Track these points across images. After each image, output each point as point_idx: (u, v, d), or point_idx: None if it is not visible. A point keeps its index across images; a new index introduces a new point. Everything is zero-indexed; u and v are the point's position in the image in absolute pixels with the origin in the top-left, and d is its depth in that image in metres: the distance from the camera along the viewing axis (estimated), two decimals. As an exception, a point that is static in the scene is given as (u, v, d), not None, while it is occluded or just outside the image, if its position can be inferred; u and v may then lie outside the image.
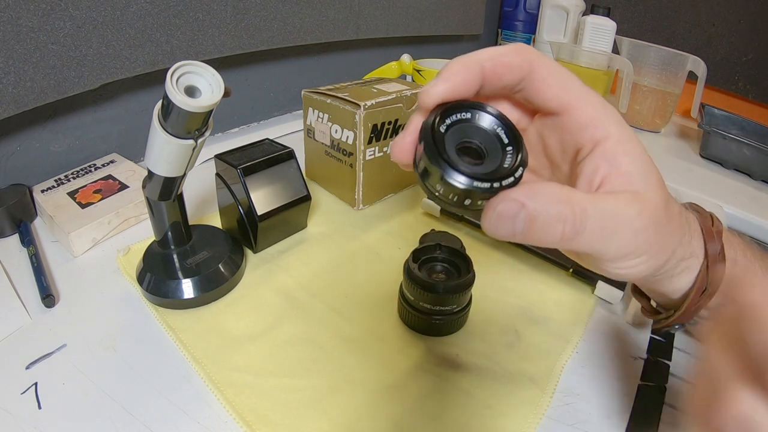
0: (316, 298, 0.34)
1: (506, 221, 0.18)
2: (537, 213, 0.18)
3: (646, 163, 0.20)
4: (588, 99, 0.20)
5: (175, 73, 0.24)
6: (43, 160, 0.47)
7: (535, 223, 0.18)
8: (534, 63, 0.20)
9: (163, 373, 0.28)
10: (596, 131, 0.20)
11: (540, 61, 0.20)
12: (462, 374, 0.29)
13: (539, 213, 0.18)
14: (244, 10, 0.55)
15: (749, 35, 0.86)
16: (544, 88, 0.20)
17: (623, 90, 0.76)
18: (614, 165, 0.20)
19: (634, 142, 0.20)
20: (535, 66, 0.20)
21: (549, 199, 0.18)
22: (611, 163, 0.20)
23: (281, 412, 0.26)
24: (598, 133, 0.20)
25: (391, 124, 0.44)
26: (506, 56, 0.19)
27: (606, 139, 0.20)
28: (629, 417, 0.27)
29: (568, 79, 0.20)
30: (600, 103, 0.20)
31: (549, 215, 0.18)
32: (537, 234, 0.18)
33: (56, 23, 0.40)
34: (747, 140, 0.65)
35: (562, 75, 0.20)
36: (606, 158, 0.20)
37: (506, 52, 0.20)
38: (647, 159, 0.21)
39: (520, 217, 0.18)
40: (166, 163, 0.28)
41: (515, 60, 0.19)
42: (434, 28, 0.89)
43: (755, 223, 0.55)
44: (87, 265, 0.37)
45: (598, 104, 0.20)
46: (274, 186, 0.37)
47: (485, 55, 0.19)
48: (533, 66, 0.20)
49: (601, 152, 0.20)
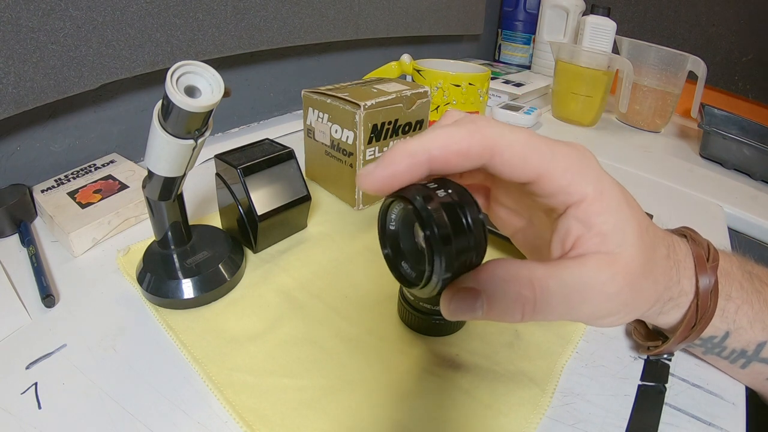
0: (316, 298, 0.34)
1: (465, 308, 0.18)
2: (494, 299, 0.17)
3: (622, 219, 0.19)
4: (558, 166, 0.18)
5: (175, 73, 0.24)
6: (43, 160, 0.47)
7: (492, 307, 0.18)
8: (495, 148, 0.18)
9: (163, 373, 0.28)
10: (568, 197, 0.19)
11: (501, 143, 0.18)
12: (462, 374, 0.29)
13: (497, 299, 0.17)
14: (244, 10, 0.55)
15: (749, 35, 0.86)
16: (508, 168, 0.18)
17: (623, 90, 0.76)
18: (587, 226, 0.19)
19: (610, 195, 0.19)
20: (496, 151, 0.18)
21: (506, 283, 0.17)
22: (584, 224, 0.19)
23: (281, 412, 0.26)
24: (570, 198, 0.19)
25: (391, 124, 0.44)
26: (461, 143, 0.17)
27: (580, 201, 0.19)
28: (629, 417, 0.27)
29: (535, 152, 0.18)
30: (573, 165, 0.19)
31: (507, 300, 0.17)
32: (497, 316, 0.18)
33: (56, 23, 0.40)
34: (747, 140, 0.65)
35: (528, 149, 0.18)
36: (579, 220, 0.19)
37: (461, 138, 0.17)
38: (626, 210, 0.19)
39: (479, 305, 0.17)
40: (166, 163, 0.28)
41: (472, 148, 0.17)
42: (434, 28, 0.89)
43: (755, 223, 0.55)
44: (87, 265, 0.37)
45: (571, 167, 0.18)
46: (274, 186, 0.37)
47: (435, 142, 0.17)
48: (494, 152, 0.18)
49: (573, 214, 0.19)
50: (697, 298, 0.24)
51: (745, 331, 0.26)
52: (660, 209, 0.52)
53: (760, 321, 0.26)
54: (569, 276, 0.18)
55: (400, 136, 0.46)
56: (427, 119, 0.48)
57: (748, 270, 0.27)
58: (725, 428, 0.27)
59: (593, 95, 0.76)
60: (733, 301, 0.25)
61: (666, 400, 0.28)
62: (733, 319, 0.26)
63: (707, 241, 0.26)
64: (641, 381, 0.29)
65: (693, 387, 0.29)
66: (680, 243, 0.25)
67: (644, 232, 0.20)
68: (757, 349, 0.26)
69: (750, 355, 0.27)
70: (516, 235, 0.25)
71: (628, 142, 0.76)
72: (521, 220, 0.25)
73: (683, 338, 0.26)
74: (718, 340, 0.27)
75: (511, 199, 0.23)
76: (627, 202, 0.20)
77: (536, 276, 0.18)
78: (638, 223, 0.20)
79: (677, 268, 0.24)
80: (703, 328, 0.25)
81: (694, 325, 0.25)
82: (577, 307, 0.18)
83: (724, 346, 0.27)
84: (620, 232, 0.19)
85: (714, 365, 0.30)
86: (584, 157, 0.19)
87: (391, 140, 0.45)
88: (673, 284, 0.23)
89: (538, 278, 0.18)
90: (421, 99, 0.46)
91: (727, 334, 0.26)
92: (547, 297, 0.18)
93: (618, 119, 0.87)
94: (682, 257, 0.24)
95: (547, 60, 1.02)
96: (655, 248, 0.21)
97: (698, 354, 0.30)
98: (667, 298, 0.24)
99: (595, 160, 0.20)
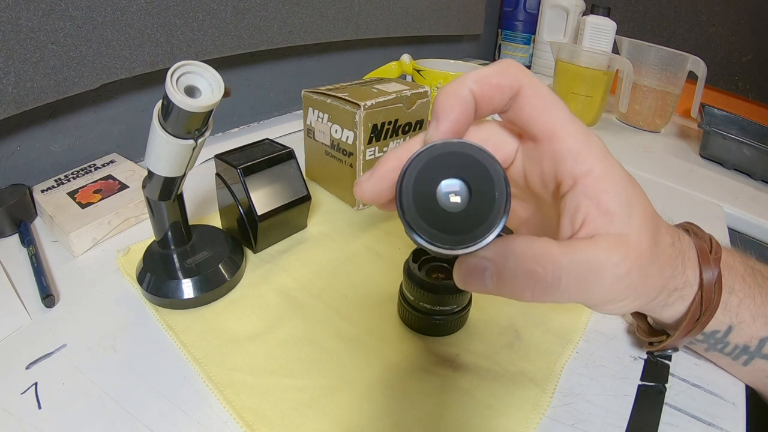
0: (316, 298, 0.34)
1: (475, 279, 0.18)
2: (505, 273, 0.17)
3: (629, 198, 0.19)
4: (571, 130, 0.19)
5: (175, 73, 0.24)
6: (43, 160, 0.47)
7: (503, 281, 0.17)
8: (523, 83, 0.19)
9: (163, 373, 0.28)
10: (576, 166, 0.19)
11: (529, 82, 0.19)
12: (462, 374, 0.29)
13: (507, 273, 0.17)
14: (244, 10, 0.56)
15: (749, 35, 0.86)
16: (529, 109, 0.19)
17: (623, 90, 0.76)
18: (595, 203, 0.19)
19: (617, 175, 0.19)
20: (523, 86, 0.19)
21: (519, 257, 0.17)
22: (592, 200, 0.19)
23: (281, 412, 0.26)
24: (578, 167, 0.19)
25: (391, 124, 0.44)
26: (493, 77, 0.18)
27: (587, 174, 0.19)
28: (629, 417, 0.27)
29: (554, 105, 0.19)
30: (583, 135, 0.19)
31: (517, 275, 0.17)
32: (508, 292, 0.18)
33: (56, 23, 0.40)
34: (747, 140, 0.65)
35: (548, 99, 0.19)
36: (587, 195, 0.19)
37: (493, 72, 0.19)
38: (631, 193, 0.20)
39: (488, 276, 0.18)
40: (166, 163, 0.28)
41: (503, 80, 0.19)
42: (434, 28, 0.89)
43: (755, 223, 0.55)
44: (87, 265, 0.37)
45: (581, 136, 0.19)
46: (274, 186, 0.37)
47: (472, 78, 0.18)
48: (522, 86, 0.19)
49: (582, 189, 0.19)
50: (701, 290, 0.24)
51: (748, 325, 0.26)
52: (660, 209, 0.51)
53: (763, 315, 0.26)
54: (583, 255, 0.18)
55: (400, 137, 0.46)
56: (427, 119, 0.48)
57: (750, 265, 0.27)
58: (725, 428, 0.27)
59: (593, 95, 0.76)
60: (735, 295, 0.25)
61: (666, 400, 0.28)
62: (736, 313, 0.26)
63: (709, 235, 0.26)
64: (641, 381, 0.29)
65: (693, 387, 0.29)
66: (683, 235, 0.25)
67: (650, 216, 0.20)
68: (759, 344, 0.26)
69: (752, 351, 0.27)
70: (521, 228, 0.26)
71: (628, 142, 0.76)
72: (527, 209, 0.25)
73: (687, 332, 0.26)
74: (720, 335, 0.27)
75: (518, 188, 0.24)
76: (632, 185, 0.20)
77: (551, 253, 0.18)
78: (644, 207, 0.20)
79: (682, 257, 0.24)
80: (708, 320, 0.25)
81: (699, 317, 0.25)
82: (589, 289, 0.18)
83: (727, 342, 0.27)
84: (626, 213, 0.19)
85: (716, 363, 0.30)
86: (593, 136, 0.20)
87: (391, 140, 0.45)
88: (678, 273, 0.23)
89: (553, 255, 0.18)
90: (421, 99, 0.46)
91: (730, 329, 0.26)
92: (559, 276, 0.18)
93: (618, 119, 0.87)
94: (687, 248, 0.24)
95: (547, 60, 1.02)
96: (660, 234, 0.22)
97: (700, 351, 0.30)
98: (672, 288, 0.24)
99: (602, 141, 0.20)
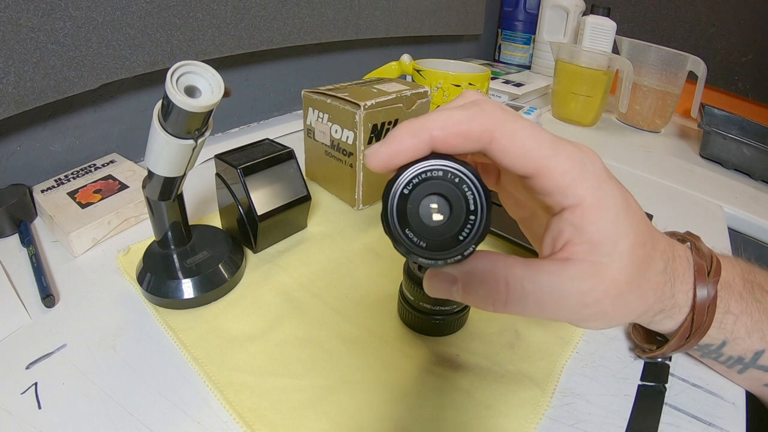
0: (316, 298, 0.34)
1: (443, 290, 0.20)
2: (469, 287, 0.19)
3: (618, 230, 0.19)
4: (557, 164, 0.18)
5: (175, 73, 0.24)
6: (43, 160, 0.47)
7: (468, 294, 0.19)
8: (495, 133, 0.17)
9: (163, 373, 0.28)
10: (565, 199, 0.18)
11: (502, 131, 0.17)
12: (462, 374, 0.29)
13: (472, 288, 0.19)
14: (244, 10, 0.55)
15: (749, 35, 0.86)
16: (507, 158, 0.18)
17: (623, 90, 0.76)
18: (579, 232, 0.18)
19: (609, 205, 0.19)
20: (495, 136, 0.17)
21: (481, 277, 0.19)
22: (576, 229, 0.18)
23: (281, 412, 0.26)
24: (566, 201, 0.18)
25: (391, 124, 0.44)
26: (461, 125, 0.17)
27: (576, 205, 0.18)
28: (629, 417, 0.27)
29: (535, 145, 0.17)
30: (573, 166, 0.18)
31: (480, 293, 0.19)
32: (472, 303, 0.20)
33: (56, 23, 0.40)
34: (747, 140, 0.65)
35: (527, 142, 0.17)
36: (572, 224, 0.18)
37: (461, 119, 0.17)
38: (623, 223, 0.19)
39: (454, 290, 0.20)
40: (166, 163, 0.28)
41: (472, 130, 0.17)
42: (434, 28, 0.89)
43: (755, 223, 0.55)
44: (87, 265, 0.37)
45: (571, 168, 0.18)
46: (274, 186, 0.37)
47: (437, 122, 0.17)
48: (493, 136, 0.17)
49: (568, 217, 0.19)
50: (693, 312, 0.24)
51: (743, 340, 0.26)
52: (660, 209, 0.52)
53: (759, 330, 0.25)
54: (546, 280, 0.18)
55: (400, 136, 0.46)
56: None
57: (750, 279, 0.27)
58: (725, 428, 0.27)
59: (593, 95, 0.76)
60: (731, 314, 0.25)
61: (666, 400, 0.28)
62: (731, 330, 0.26)
63: (711, 251, 0.26)
64: (641, 381, 0.29)
65: (693, 387, 0.29)
66: (682, 256, 0.24)
67: (640, 246, 0.20)
68: (754, 357, 0.26)
69: (747, 362, 0.27)
70: (522, 222, 0.26)
71: (628, 142, 0.76)
72: (525, 211, 0.25)
73: (677, 347, 0.26)
74: (714, 347, 0.27)
75: (516, 189, 0.23)
76: (628, 212, 0.19)
77: (513, 275, 0.18)
78: (635, 236, 0.19)
79: (672, 282, 0.23)
80: (698, 340, 0.25)
81: (689, 336, 0.25)
82: (552, 309, 0.19)
83: (721, 353, 0.27)
84: (611, 243, 0.18)
85: (711, 368, 0.30)
86: (589, 161, 0.19)
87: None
88: (666, 298, 0.23)
89: (514, 278, 0.18)
90: (421, 99, 0.46)
91: (724, 343, 0.26)
92: (519, 297, 0.18)
93: (618, 119, 0.87)
94: (681, 271, 0.24)
95: (547, 60, 1.02)
96: (651, 262, 0.21)
97: (696, 356, 0.30)
98: (658, 310, 0.24)
99: (600, 164, 0.19)
